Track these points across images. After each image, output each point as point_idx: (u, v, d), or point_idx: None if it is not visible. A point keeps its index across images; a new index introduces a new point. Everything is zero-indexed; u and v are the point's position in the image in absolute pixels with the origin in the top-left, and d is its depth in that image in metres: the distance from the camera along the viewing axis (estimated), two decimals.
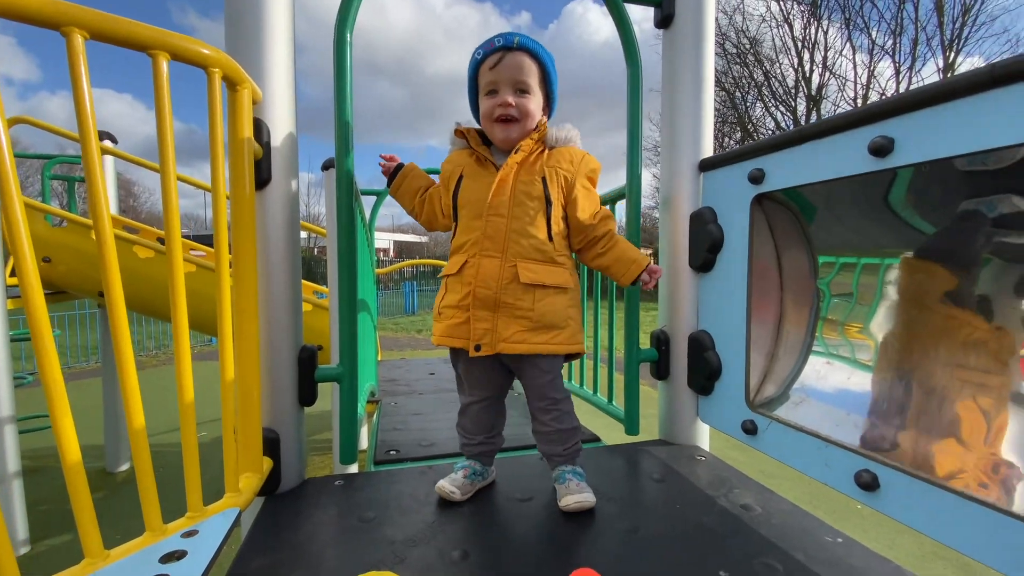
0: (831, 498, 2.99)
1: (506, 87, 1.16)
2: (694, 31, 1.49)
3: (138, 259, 3.19)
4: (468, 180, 1.20)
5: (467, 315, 1.15)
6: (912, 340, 1.06)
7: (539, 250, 1.15)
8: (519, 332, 1.13)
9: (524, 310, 1.13)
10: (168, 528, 0.87)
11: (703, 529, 1.07)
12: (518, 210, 1.15)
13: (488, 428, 1.28)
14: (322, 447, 4.05)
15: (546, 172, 1.17)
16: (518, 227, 1.14)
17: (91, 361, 7.59)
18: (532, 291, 1.13)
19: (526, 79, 1.16)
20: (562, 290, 1.17)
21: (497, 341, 1.13)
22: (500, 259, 1.14)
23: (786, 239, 1.32)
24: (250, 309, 1.07)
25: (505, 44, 1.16)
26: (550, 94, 1.23)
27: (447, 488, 1.19)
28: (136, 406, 0.83)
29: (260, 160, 1.15)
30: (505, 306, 1.13)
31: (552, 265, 1.16)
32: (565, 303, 1.17)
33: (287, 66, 1.22)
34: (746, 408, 1.32)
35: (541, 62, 1.18)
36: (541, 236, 1.15)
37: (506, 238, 1.14)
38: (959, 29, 15.74)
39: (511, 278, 1.13)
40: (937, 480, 0.88)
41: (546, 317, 1.14)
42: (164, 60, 0.87)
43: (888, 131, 0.94)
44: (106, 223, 0.79)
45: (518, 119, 1.17)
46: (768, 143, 1.22)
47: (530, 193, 1.15)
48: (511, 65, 1.16)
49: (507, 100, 1.16)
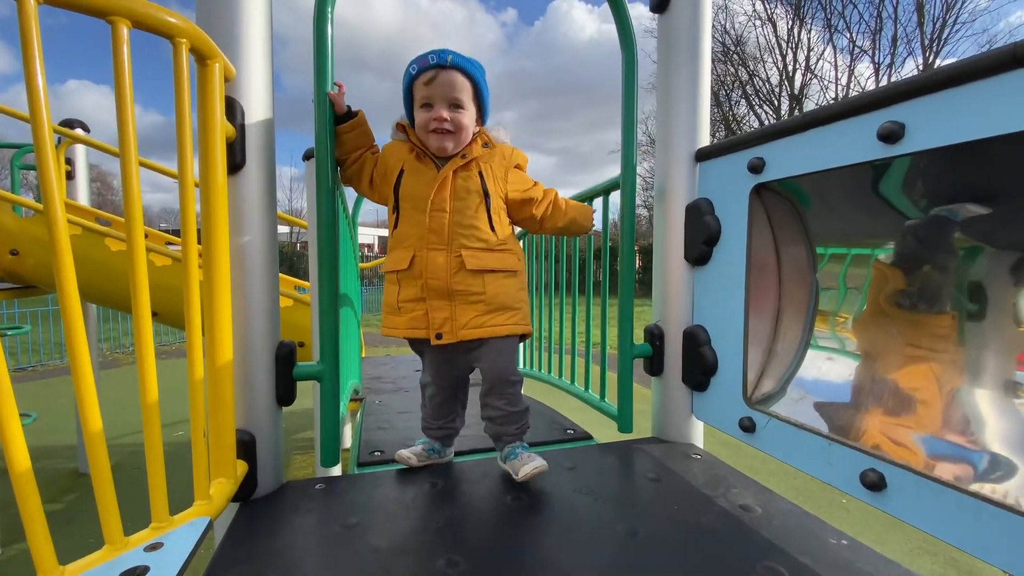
0: (818, 494, 2.99)
1: (440, 103, 1.22)
2: (691, 15, 1.44)
3: (111, 252, 3.05)
4: (409, 175, 1.25)
5: (426, 306, 1.22)
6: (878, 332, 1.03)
7: (481, 239, 1.22)
8: (476, 317, 1.21)
9: (477, 295, 1.21)
10: (130, 541, 0.80)
11: (703, 531, 1.03)
12: (459, 204, 1.22)
13: (447, 414, 1.38)
14: (304, 446, 3.95)
15: (482, 168, 1.26)
16: (459, 220, 1.22)
17: (65, 359, 7.35)
18: (481, 276, 1.21)
19: (459, 96, 1.23)
20: (511, 273, 1.26)
21: (457, 329, 1.21)
22: (446, 251, 1.21)
23: (785, 231, 1.28)
24: (223, 302, 0.99)
25: (439, 62, 1.21)
26: (482, 106, 1.30)
27: (405, 454, 1.34)
28: (92, 407, 0.75)
29: (233, 142, 1.07)
30: (458, 294, 1.21)
31: (497, 252, 1.24)
32: (515, 285, 1.27)
33: (264, 41, 1.14)
34: (744, 405, 1.27)
35: (473, 79, 1.24)
36: (483, 227, 1.23)
37: (449, 231, 1.21)
38: (939, 29, 16.02)
39: (458, 267, 1.20)
40: (946, 480, 0.85)
41: (498, 298, 1.22)
42: (124, 27, 0.79)
43: (899, 116, 0.90)
44: (56, 203, 0.71)
45: (452, 132, 1.23)
46: (770, 130, 1.18)
47: (469, 188, 1.24)
48: (445, 83, 1.21)
49: (442, 115, 1.22)
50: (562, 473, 1.31)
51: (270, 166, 1.18)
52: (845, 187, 1.14)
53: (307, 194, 2.77)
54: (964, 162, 0.89)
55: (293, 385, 1.22)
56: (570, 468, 1.34)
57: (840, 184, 1.13)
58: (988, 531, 0.78)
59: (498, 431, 1.31)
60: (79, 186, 3.63)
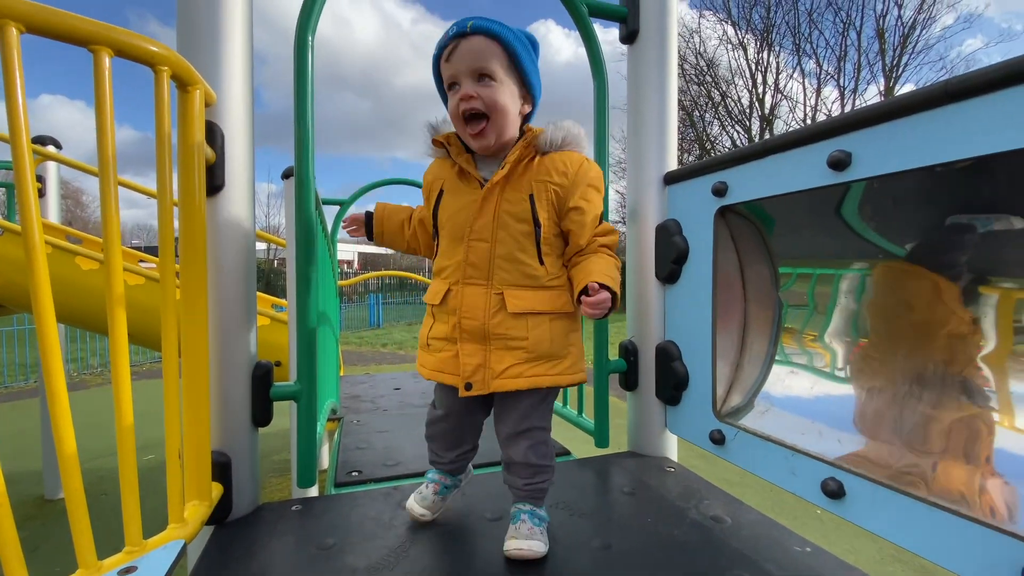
0: (793, 504, 3.06)
1: (466, 78, 1.00)
2: (658, 46, 1.52)
3: (81, 271, 2.99)
4: (448, 196, 1.08)
5: (456, 348, 1.03)
6: (883, 347, 1.08)
7: (528, 276, 1.03)
8: (515, 366, 1.01)
9: (518, 340, 1.01)
10: (104, 565, 0.79)
11: (675, 542, 1.06)
12: (503, 233, 1.02)
13: (458, 444, 1.16)
14: (280, 468, 3.87)
15: (534, 188, 1.02)
16: (504, 252, 1.02)
17: (30, 380, 7.09)
18: (524, 319, 1.01)
19: (486, 65, 0.99)
20: (559, 316, 1.05)
21: (490, 379, 1.01)
22: (486, 287, 1.02)
23: (749, 251, 1.34)
24: (199, 323, 1.00)
25: (459, 31, 1.00)
26: (526, 81, 1.04)
27: (417, 510, 1.13)
28: (67, 430, 0.75)
29: (213, 165, 1.09)
30: (497, 337, 1.02)
31: (545, 290, 1.04)
32: (564, 329, 1.05)
33: (244, 66, 1.16)
34: (713, 418, 1.32)
35: (504, 42, 1.00)
36: (531, 262, 1.03)
37: (491, 264, 1.02)
38: (898, 56, 16.85)
39: (498, 307, 1.01)
40: (901, 488, 0.89)
41: (542, 346, 1.02)
42: (107, 56, 0.81)
43: (846, 145, 0.97)
44: (34, 225, 0.72)
45: (485, 113, 1.01)
46: (731, 156, 1.25)
47: (516, 214, 1.02)
48: (466, 51, 0.99)
49: (468, 92, 1.00)
50: None
51: (249, 189, 1.19)
52: (806, 209, 1.21)
53: (285, 213, 2.77)
54: (914, 188, 0.96)
55: (270, 406, 1.22)
56: None
57: (801, 206, 1.20)
58: (938, 534, 0.83)
59: (509, 480, 1.10)
60: (50, 204, 3.57)
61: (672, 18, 1.53)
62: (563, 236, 1.07)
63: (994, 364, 0.87)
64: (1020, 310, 0.84)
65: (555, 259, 1.06)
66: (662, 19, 1.52)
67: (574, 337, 1.09)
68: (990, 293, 0.88)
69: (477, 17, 1.00)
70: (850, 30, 17.49)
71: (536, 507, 1.06)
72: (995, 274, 0.88)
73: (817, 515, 2.99)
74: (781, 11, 18.30)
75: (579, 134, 1.07)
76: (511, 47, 1.00)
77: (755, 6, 18.63)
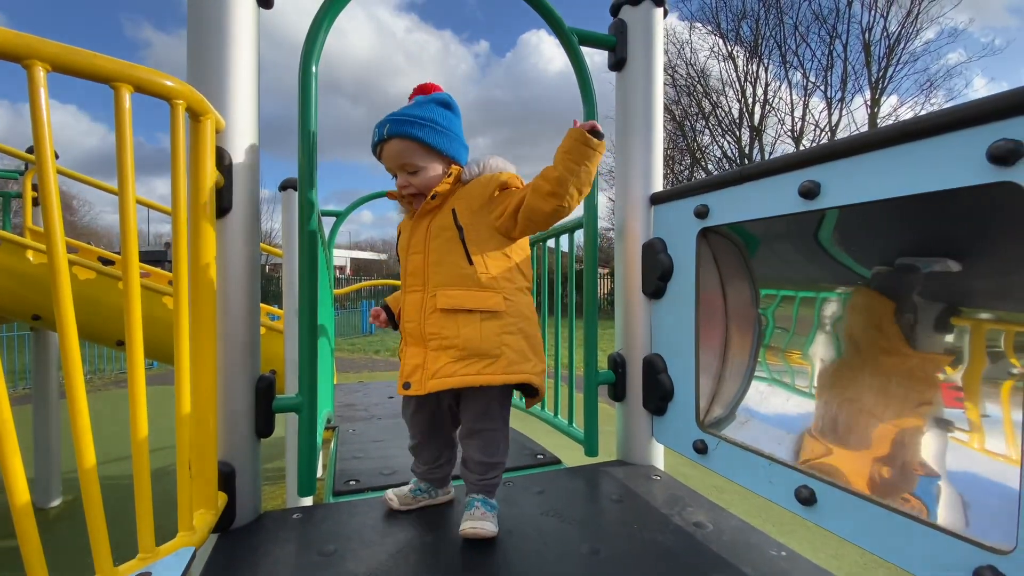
0: (779, 511, 3.12)
1: (397, 171, 1.22)
2: (645, 74, 1.60)
3: (77, 280, 3.01)
4: (403, 235, 1.27)
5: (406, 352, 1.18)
6: (845, 366, 1.16)
7: (459, 275, 1.14)
8: (448, 364, 1.10)
9: (449, 339, 1.11)
10: (119, 571, 0.84)
11: (659, 548, 1.12)
12: (433, 243, 1.17)
13: (432, 460, 1.31)
14: (274, 476, 3.89)
15: (455, 204, 1.18)
16: (435, 259, 1.16)
17: (18, 387, 7.03)
18: (454, 317, 1.12)
19: (408, 161, 1.19)
20: (491, 315, 1.13)
21: (426, 379, 1.12)
22: (422, 291, 1.16)
23: (730, 270, 1.42)
24: (207, 339, 1.05)
25: (379, 138, 1.20)
26: (446, 150, 1.21)
27: (389, 494, 1.30)
28: (87, 443, 0.80)
29: (221, 188, 1.15)
30: (431, 337, 1.13)
31: (477, 290, 1.13)
32: (496, 329, 1.13)
33: (251, 94, 1.22)
34: (697, 428, 1.38)
35: (418, 139, 1.17)
36: (459, 262, 1.14)
37: (425, 270, 1.17)
38: (884, 68, 17.19)
39: (432, 308, 1.13)
40: (867, 495, 0.96)
41: (472, 343, 1.10)
42: (127, 92, 0.87)
43: (816, 176, 1.04)
44: (60, 250, 0.77)
45: (423, 193, 1.21)
46: (712, 181, 1.32)
47: (443, 226, 1.17)
48: (390, 155, 1.20)
49: (401, 183, 1.22)
50: (532, 497, 1.38)
51: (254, 210, 1.25)
52: (785, 232, 1.28)
53: (283, 225, 2.82)
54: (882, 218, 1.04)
55: (272, 418, 1.27)
56: (539, 492, 1.41)
57: (780, 229, 1.28)
58: (900, 538, 0.90)
59: (464, 474, 1.24)
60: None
61: (658, 48, 1.61)
62: (493, 232, 1.18)
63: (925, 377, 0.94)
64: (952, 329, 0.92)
65: (484, 258, 1.15)
66: (648, 48, 1.60)
67: (510, 338, 1.15)
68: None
69: (392, 119, 1.18)
70: (836, 42, 17.86)
71: (488, 498, 1.20)
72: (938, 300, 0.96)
73: (803, 522, 3.05)
74: (768, 25, 18.65)
75: (496, 166, 1.24)
76: (424, 140, 1.18)
77: (743, 19, 18.98)
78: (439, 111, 1.21)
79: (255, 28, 1.24)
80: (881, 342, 1.09)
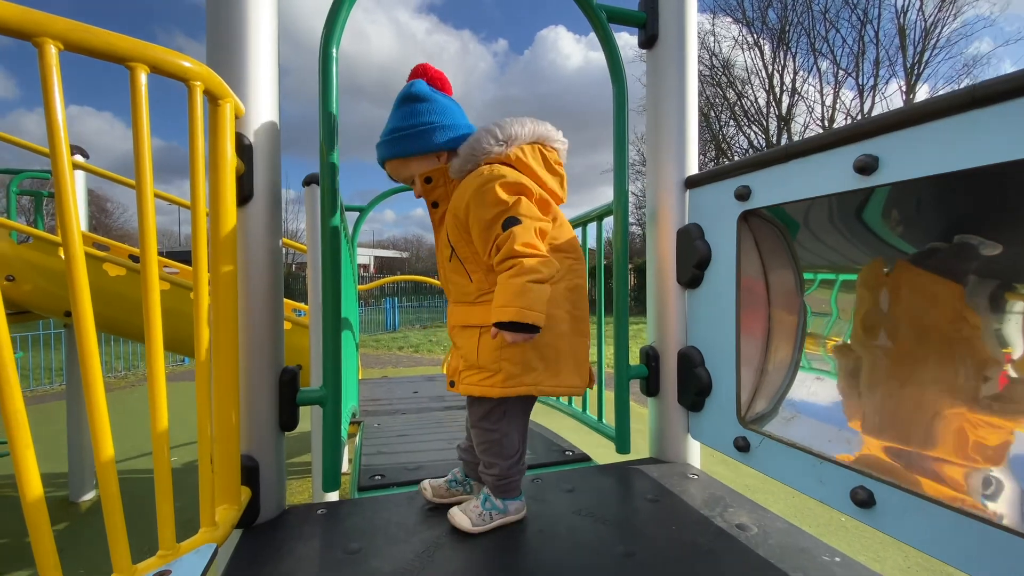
0: (817, 512, 3.00)
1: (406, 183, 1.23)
2: (678, 51, 1.51)
3: (108, 277, 3.07)
4: None
5: None
6: (905, 355, 1.06)
7: (463, 292, 1.17)
8: (461, 371, 1.17)
9: (463, 349, 1.16)
10: (138, 568, 0.81)
11: (700, 551, 1.05)
12: (440, 257, 1.22)
13: (470, 444, 1.28)
14: (299, 471, 3.91)
15: (448, 215, 1.14)
16: (444, 276, 1.21)
17: (55, 384, 7.27)
18: (464, 332, 1.16)
19: (404, 178, 1.21)
20: (483, 330, 1.10)
21: (458, 381, 1.18)
22: (451, 302, 1.22)
23: (772, 255, 1.33)
24: (229, 330, 1.02)
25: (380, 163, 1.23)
26: (430, 149, 1.15)
27: (424, 484, 1.31)
28: (105, 436, 0.77)
29: (242, 175, 1.12)
30: (455, 346, 1.21)
31: (476, 306, 1.13)
32: (494, 343, 1.08)
33: (271, 79, 1.19)
34: (738, 424, 1.30)
35: (394, 156, 1.17)
36: (461, 280, 1.16)
37: (446, 286, 1.23)
38: (919, 53, 16.52)
39: (451, 321, 1.21)
40: (932, 496, 0.88)
41: (471, 356, 1.13)
42: (143, 72, 0.83)
43: (872, 150, 0.95)
44: (75, 236, 0.74)
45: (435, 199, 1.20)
46: (754, 160, 1.24)
47: (442, 241, 1.19)
48: (391, 174, 1.22)
49: (415, 193, 1.22)
50: (562, 495, 1.32)
51: (276, 198, 1.22)
52: (831, 214, 1.19)
53: (307, 219, 2.81)
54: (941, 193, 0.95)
55: (296, 411, 1.24)
56: (569, 490, 1.35)
57: (826, 211, 1.19)
58: (970, 543, 0.81)
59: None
60: (79, 211, 3.66)
61: (691, 22, 1.52)
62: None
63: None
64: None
65: (484, 275, 1.12)
66: (681, 23, 1.51)
67: (509, 352, 1.09)
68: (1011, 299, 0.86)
69: (379, 145, 1.19)
70: (867, 27, 17.22)
71: (493, 495, 1.18)
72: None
73: (842, 523, 2.93)
74: (796, 11, 18.09)
75: (474, 150, 1.11)
76: (397, 155, 1.16)
77: (769, 6, 18.45)
78: (399, 113, 1.16)
79: (275, 12, 1.21)
80: (945, 328, 0.99)
